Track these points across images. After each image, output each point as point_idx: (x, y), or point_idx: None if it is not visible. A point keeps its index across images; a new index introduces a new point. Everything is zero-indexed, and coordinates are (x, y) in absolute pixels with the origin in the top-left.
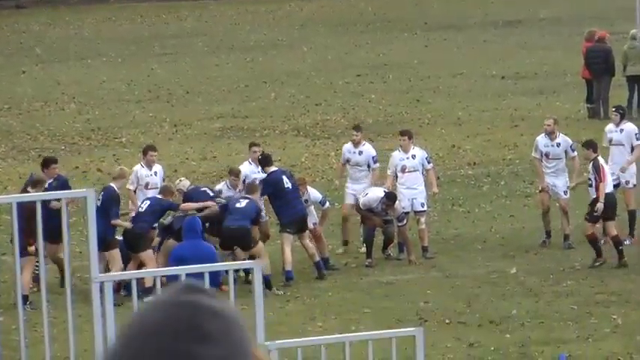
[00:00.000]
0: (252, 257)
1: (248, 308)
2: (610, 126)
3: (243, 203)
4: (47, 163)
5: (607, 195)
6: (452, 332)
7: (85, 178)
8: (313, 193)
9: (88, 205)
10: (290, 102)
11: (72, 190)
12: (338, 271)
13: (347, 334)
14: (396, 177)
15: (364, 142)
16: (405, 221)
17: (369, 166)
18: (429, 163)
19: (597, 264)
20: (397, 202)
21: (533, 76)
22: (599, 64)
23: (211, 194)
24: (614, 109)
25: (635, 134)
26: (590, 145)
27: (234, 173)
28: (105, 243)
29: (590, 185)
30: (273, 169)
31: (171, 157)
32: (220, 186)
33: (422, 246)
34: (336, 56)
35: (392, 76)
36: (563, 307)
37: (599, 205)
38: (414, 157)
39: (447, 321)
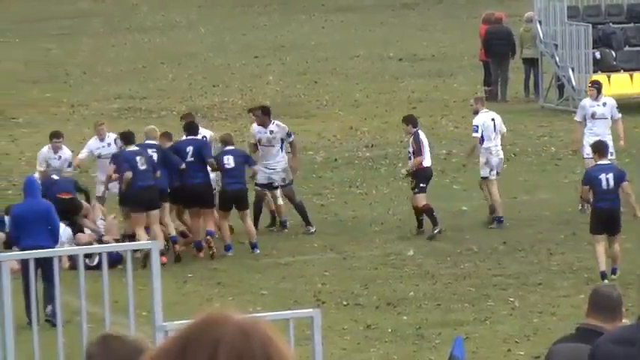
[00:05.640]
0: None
1: (145, 289)
2: (588, 101)
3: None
4: None
5: (425, 169)
6: (349, 314)
7: None
8: None
9: None
10: (188, 83)
11: None
12: (236, 252)
13: None
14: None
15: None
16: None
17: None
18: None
19: (435, 232)
20: None
21: (431, 58)
22: (501, 46)
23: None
24: (590, 85)
25: (616, 107)
26: (410, 121)
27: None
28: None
29: (410, 158)
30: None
31: (69, 137)
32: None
33: (279, 220)
34: (233, 38)
35: (289, 58)
36: (461, 289)
37: (403, 171)
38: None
39: (345, 303)
